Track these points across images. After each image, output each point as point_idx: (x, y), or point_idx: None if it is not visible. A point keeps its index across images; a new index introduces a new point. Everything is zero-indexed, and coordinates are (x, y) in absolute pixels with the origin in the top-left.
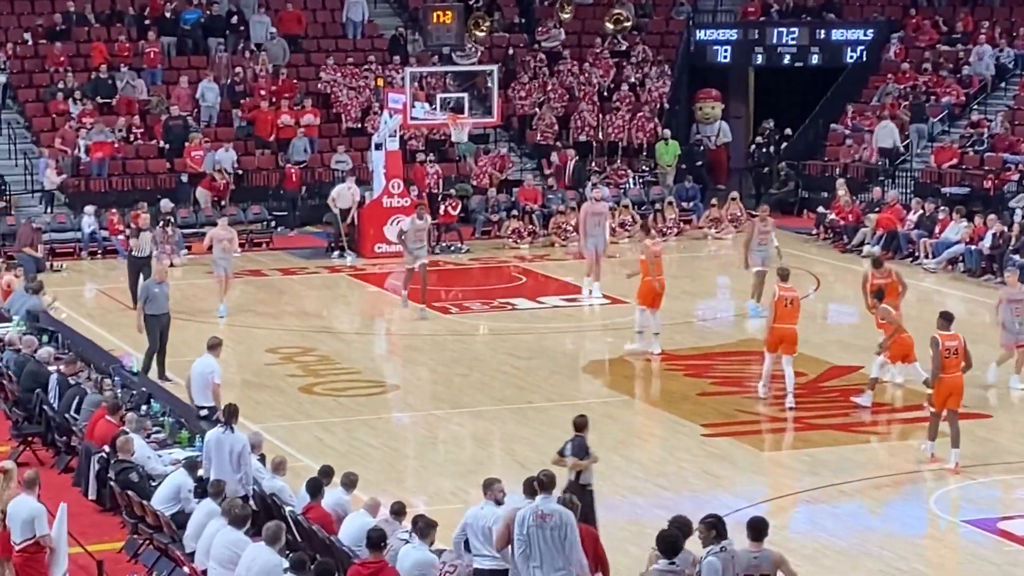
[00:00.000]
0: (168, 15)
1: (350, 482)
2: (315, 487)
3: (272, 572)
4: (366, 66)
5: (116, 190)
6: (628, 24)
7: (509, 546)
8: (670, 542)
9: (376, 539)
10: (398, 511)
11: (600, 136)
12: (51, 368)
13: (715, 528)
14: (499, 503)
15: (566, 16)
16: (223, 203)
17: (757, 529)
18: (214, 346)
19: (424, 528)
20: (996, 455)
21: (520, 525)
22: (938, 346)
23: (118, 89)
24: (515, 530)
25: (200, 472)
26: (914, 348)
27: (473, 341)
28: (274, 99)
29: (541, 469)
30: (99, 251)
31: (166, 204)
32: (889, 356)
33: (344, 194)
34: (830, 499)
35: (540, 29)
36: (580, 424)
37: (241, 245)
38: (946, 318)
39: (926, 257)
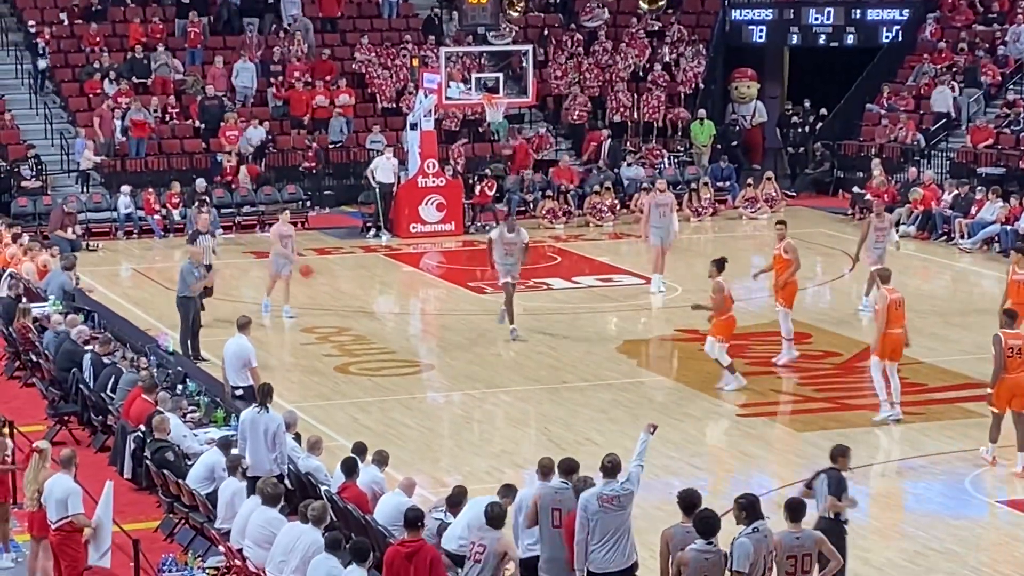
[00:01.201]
0: None
1: (382, 459)
2: (350, 467)
3: (314, 552)
4: (401, 46)
5: (152, 170)
6: (662, 3)
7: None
8: (709, 523)
9: (413, 519)
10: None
11: (635, 116)
12: (87, 348)
13: (746, 509)
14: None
15: None
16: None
17: (795, 510)
18: (244, 325)
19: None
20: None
21: (583, 509)
22: (1001, 344)
23: (153, 69)
24: (578, 514)
25: (235, 451)
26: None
27: (522, 316)
28: (310, 79)
29: (607, 454)
30: (135, 231)
31: (201, 184)
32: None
33: (384, 166)
34: (864, 479)
35: (583, 9)
36: (837, 454)
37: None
38: (1010, 315)
39: (962, 237)
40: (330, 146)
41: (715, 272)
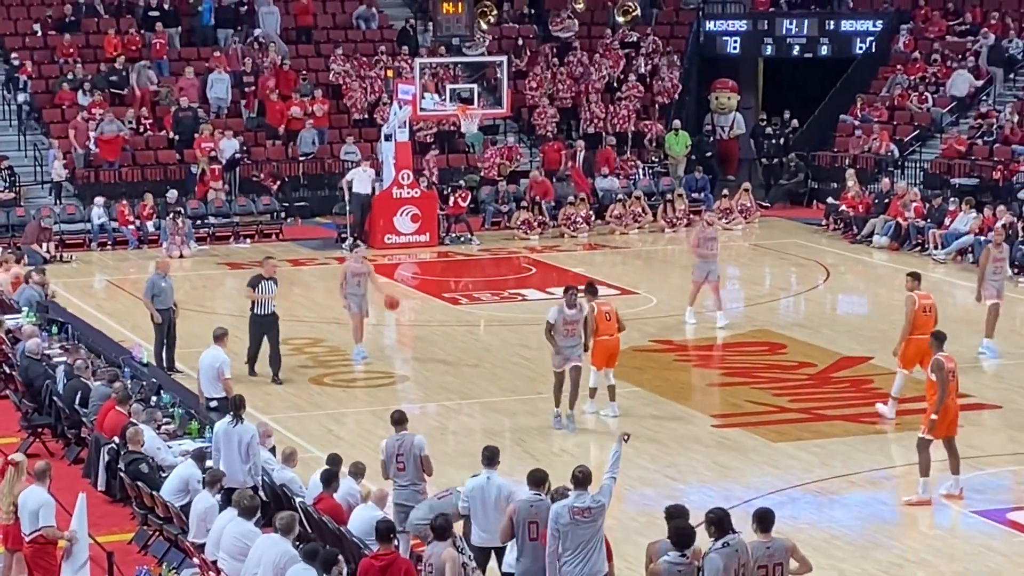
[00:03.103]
0: (174, 6)
1: (358, 471)
2: (329, 478)
3: (285, 563)
4: (376, 57)
5: (126, 181)
6: (636, 14)
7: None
8: (684, 535)
9: (385, 531)
10: (399, 420)
11: (608, 127)
12: (57, 360)
13: (715, 524)
14: None
15: (580, 6)
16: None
17: (765, 520)
18: (220, 336)
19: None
20: (1006, 446)
21: (554, 521)
22: (943, 369)
23: (128, 80)
24: (549, 525)
25: (209, 463)
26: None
27: (482, 332)
28: (279, 90)
29: (577, 465)
30: (109, 242)
31: (172, 195)
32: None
33: (361, 177)
34: (840, 490)
35: (554, 20)
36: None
37: (251, 236)
38: (940, 338)
39: (935, 248)
40: (302, 157)
41: (589, 297)
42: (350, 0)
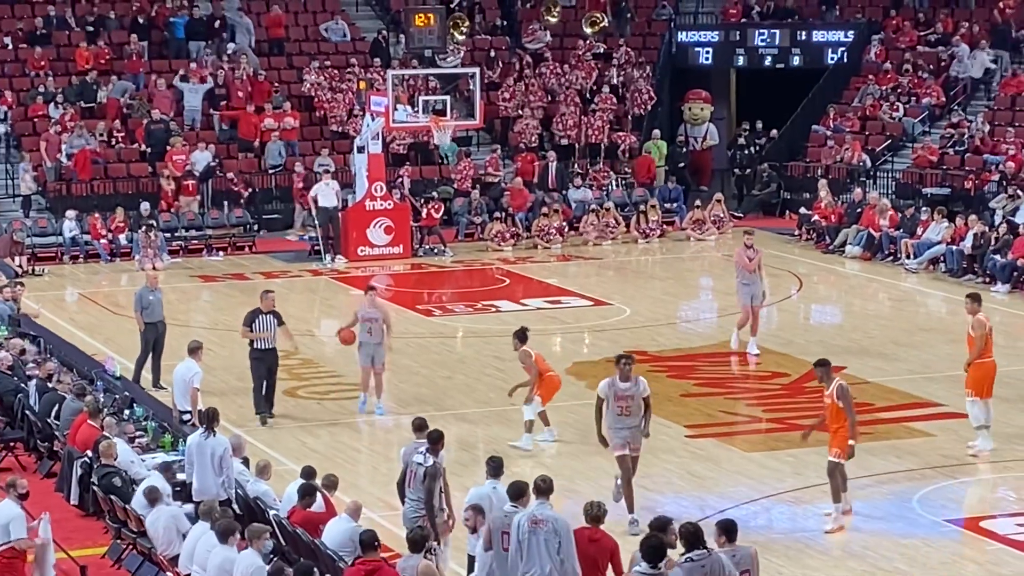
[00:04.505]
0: (147, 20)
1: (331, 483)
2: (307, 492)
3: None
4: (348, 69)
5: (98, 194)
6: (605, 24)
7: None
8: (655, 549)
9: (369, 540)
10: (420, 426)
11: (582, 138)
12: (30, 372)
13: (684, 538)
14: None
15: (552, 19)
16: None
17: (729, 531)
18: (194, 350)
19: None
20: (980, 454)
21: (515, 529)
22: (848, 395)
23: (100, 93)
24: (511, 533)
25: (182, 476)
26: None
27: (457, 343)
28: (252, 101)
29: (539, 475)
30: (81, 255)
31: (145, 208)
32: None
33: (325, 191)
34: (813, 500)
35: (526, 31)
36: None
37: (223, 249)
38: (821, 364)
39: (907, 257)
40: (271, 170)
41: (517, 344)
42: (322, 12)
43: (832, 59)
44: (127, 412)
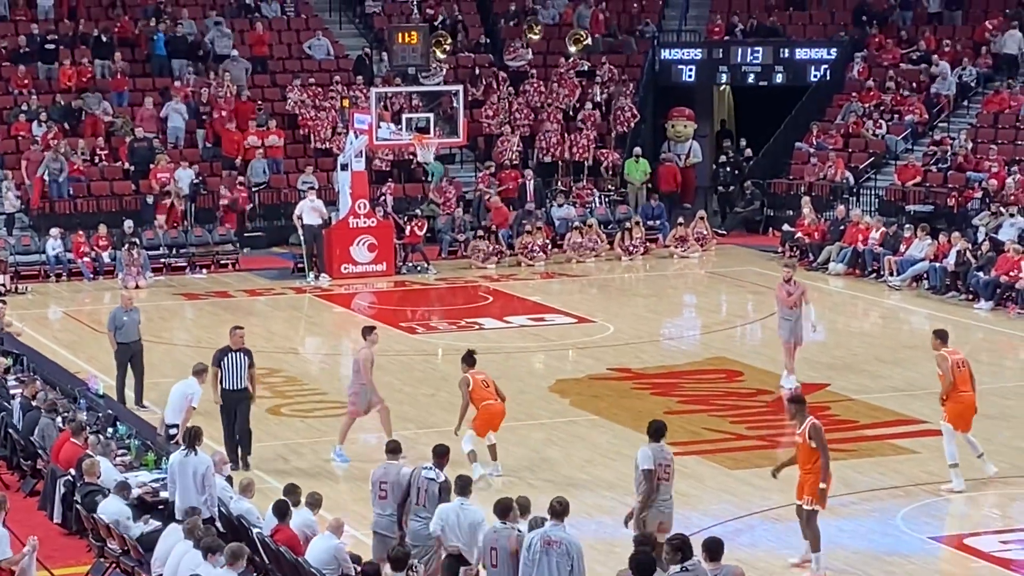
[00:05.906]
0: (133, 36)
1: (315, 502)
2: (283, 510)
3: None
4: (332, 87)
5: (81, 212)
6: (588, 43)
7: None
8: (645, 567)
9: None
10: (394, 449)
11: (565, 156)
12: (13, 391)
13: (680, 550)
14: None
15: (535, 36)
16: (182, 224)
17: (713, 549)
18: (199, 372)
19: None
20: (965, 472)
21: (527, 549)
22: (821, 435)
23: (83, 111)
24: (522, 554)
25: (165, 495)
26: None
27: (439, 361)
28: (236, 120)
29: (555, 496)
30: (64, 273)
31: (129, 225)
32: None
33: (307, 209)
34: (797, 516)
35: (508, 49)
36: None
37: (207, 266)
38: (796, 400)
39: (891, 275)
40: (254, 188)
41: (464, 367)
42: (305, 30)
43: (815, 76)
44: (110, 431)
